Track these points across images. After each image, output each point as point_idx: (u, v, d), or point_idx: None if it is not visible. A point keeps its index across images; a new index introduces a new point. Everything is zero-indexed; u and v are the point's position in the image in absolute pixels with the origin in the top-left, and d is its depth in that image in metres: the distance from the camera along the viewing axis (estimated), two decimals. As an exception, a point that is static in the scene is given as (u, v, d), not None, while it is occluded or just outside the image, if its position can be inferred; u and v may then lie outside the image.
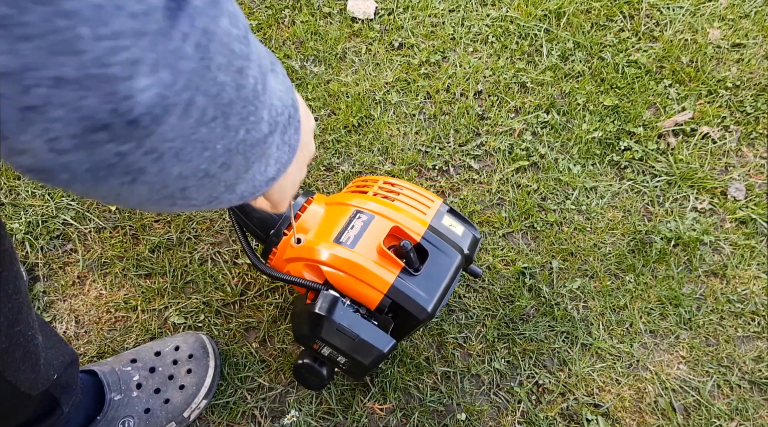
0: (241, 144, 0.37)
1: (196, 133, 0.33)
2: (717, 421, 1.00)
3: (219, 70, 0.32)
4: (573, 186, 1.21)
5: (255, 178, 0.43)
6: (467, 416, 0.99)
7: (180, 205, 0.39)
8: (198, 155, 0.35)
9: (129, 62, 0.27)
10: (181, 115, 0.31)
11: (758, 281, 1.12)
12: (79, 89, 0.26)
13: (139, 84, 0.28)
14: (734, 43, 1.40)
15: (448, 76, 1.35)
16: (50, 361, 0.74)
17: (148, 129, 0.30)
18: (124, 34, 0.27)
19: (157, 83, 0.29)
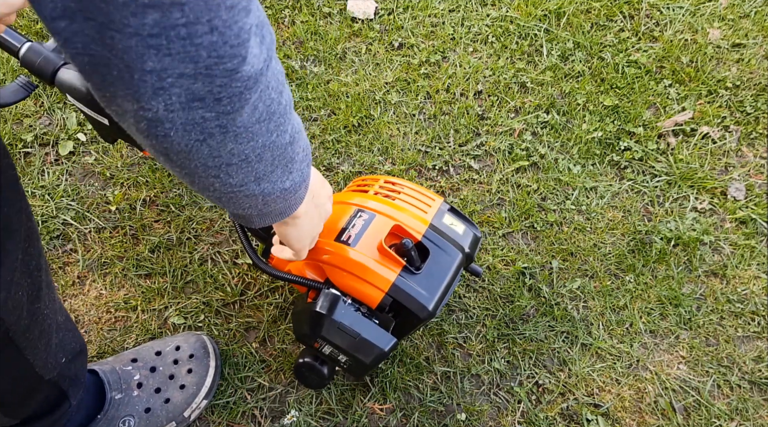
0: (272, 144, 0.51)
1: (252, 126, 0.48)
2: (717, 421, 1.00)
3: (272, 89, 0.48)
4: (573, 186, 1.21)
5: (275, 182, 0.56)
6: (467, 416, 0.99)
7: (219, 181, 0.52)
8: (247, 141, 0.49)
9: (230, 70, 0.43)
10: (251, 112, 0.47)
11: (758, 281, 1.12)
12: (192, 79, 0.41)
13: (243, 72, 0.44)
14: (734, 43, 1.40)
15: (448, 76, 1.35)
16: (62, 344, 0.74)
17: (226, 108, 0.45)
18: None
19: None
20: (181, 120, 0.44)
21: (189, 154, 0.48)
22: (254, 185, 0.55)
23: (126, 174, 1.19)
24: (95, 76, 0.42)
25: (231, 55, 0.42)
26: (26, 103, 1.26)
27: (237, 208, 0.58)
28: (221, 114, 0.45)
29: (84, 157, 1.21)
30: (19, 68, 1.30)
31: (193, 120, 0.45)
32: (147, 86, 0.41)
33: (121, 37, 0.38)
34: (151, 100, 0.42)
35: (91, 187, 1.18)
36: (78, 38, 0.39)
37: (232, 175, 0.52)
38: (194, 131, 0.46)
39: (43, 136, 1.23)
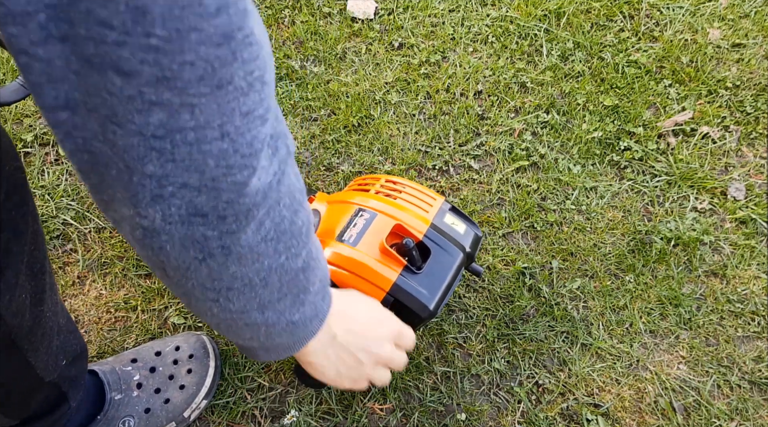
0: (280, 267, 0.47)
1: (258, 246, 0.44)
2: (717, 421, 1.00)
3: (284, 207, 0.44)
4: (573, 186, 1.21)
5: (282, 313, 0.51)
6: (467, 416, 0.99)
7: (218, 306, 0.47)
8: (252, 263, 0.44)
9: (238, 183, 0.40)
10: (256, 229, 0.42)
11: (758, 281, 1.12)
12: (195, 191, 0.38)
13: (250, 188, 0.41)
14: (734, 43, 1.40)
15: (448, 76, 1.35)
16: (63, 346, 0.74)
17: (230, 228, 0.41)
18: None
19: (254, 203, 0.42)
20: (179, 234, 0.40)
21: (186, 272, 0.44)
22: (257, 313, 0.49)
23: (126, 174, 1.19)
24: (93, 176, 0.39)
25: (241, 166, 0.38)
26: (26, 102, 1.26)
27: (237, 338, 0.53)
28: (225, 233, 0.41)
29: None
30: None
31: (192, 236, 0.41)
32: (145, 191, 0.38)
33: (123, 134, 0.35)
34: (148, 207, 0.38)
35: (90, 187, 1.18)
36: (79, 132, 0.36)
37: (233, 300, 0.47)
38: (193, 249, 0.42)
39: (43, 136, 1.22)
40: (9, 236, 0.56)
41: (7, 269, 0.57)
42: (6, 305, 0.58)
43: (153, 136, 0.35)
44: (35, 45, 0.32)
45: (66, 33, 0.32)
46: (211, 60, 0.33)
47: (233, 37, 0.34)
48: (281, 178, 0.42)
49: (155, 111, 0.34)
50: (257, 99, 0.37)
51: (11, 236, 0.57)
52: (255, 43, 0.36)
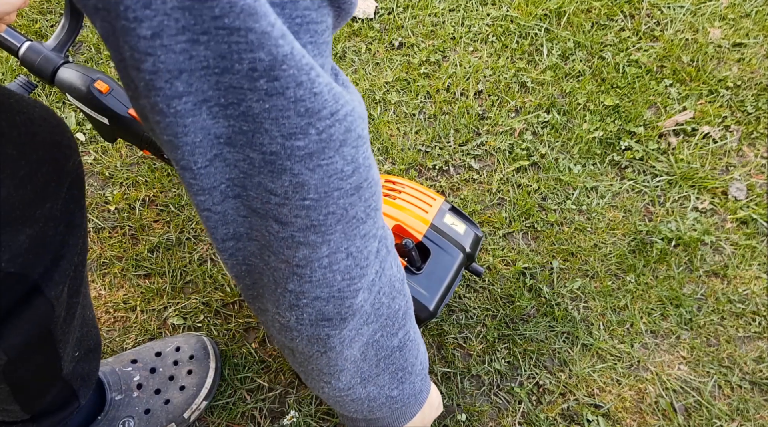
0: (375, 343, 0.55)
1: (360, 327, 0.53)
2: (718, 421, 0.99)
3: (383, 294, 0.52)
4: (573, 186, 1.21)
5: (382, 387, 0.60)
6: (467, 416, 0.99)
7: (329, 386, 0.57)
8: (354, 343, 0.53)
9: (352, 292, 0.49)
10: (360, 317, 0.51)
11: (759, 281, 1.12)
12: (324, 302, 0.47)
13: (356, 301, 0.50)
14: (735, 42, 1.40)
15: (448, 76, 1.35)
16: (80, 339, 0.74)
17: (341, 325, 0.50)
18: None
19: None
20: (307, 333, 0.50)
21: (309, 359, 0.53)
22: (360, 388, 0.58)
23: (125, 174, 1.19)
24: (248, 280, 0.49)
25: (360, 276, 0.47)
26: (25, 102, 1.26)
27: (344, 410, 0.62)
28: (343, 329, 0.50)
29: (83, 157, 1.21)
30: (18, 68, 1.30)
31: (317, 335, 0.50)
32: (285, 301, 0.47)
33: (275, 260, 0.45)
34: (286, 311, 0.48)
35: (90, 187, 1.18)
36: (241, 253, 0.47)
37: (342, 379, 0.56)
38: (317, 344, 0.51)
39: (42, 135, 1.22)
40: (67, 229, 0.61)
41: (63, 259, 0.60)
42: (57, 295, 0.61)
43: (297, 265, 0.44)
44: (216, 204, 0.42)
45: (239, 193, 0.42)
46: (345, 207, 0.43)
47: (361, 187, 0.43)
48: (381, 272, 0.51)
49: (301, 248, 0.43)
50: (372, 223, 0.46)
51: (69, 228, 0.61)
52: (375, 184, 0.46)
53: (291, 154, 0.38)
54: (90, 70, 0.92)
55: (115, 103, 0.91)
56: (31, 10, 1.39)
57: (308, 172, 0.39)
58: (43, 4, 1.40)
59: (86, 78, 0.90)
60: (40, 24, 1.37)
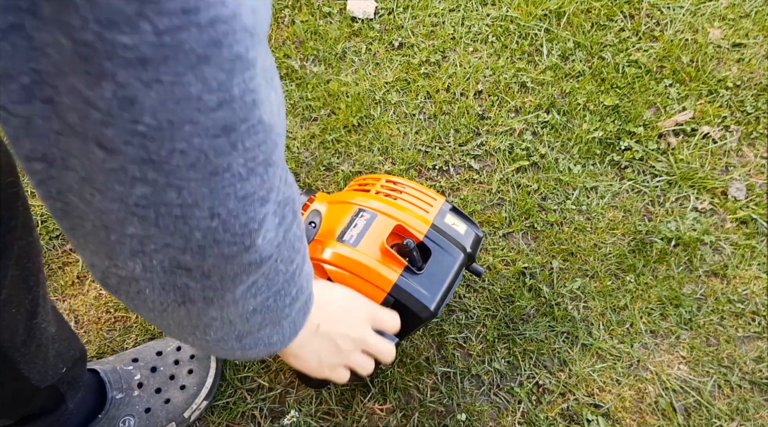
0: (266, 309, 0.46)
1: (246, 300, 0.43)
2: (717, 421, 1.00)
3: (281, 262, 0.43)
4: (573, 186, 1.21)
5: (260, 339, 0.50)
6: (467, 416, 0.99)
7: (194, 337, 0.47)
8: (233, 312, 0.43)
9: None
10: (245, 289, 0.41)
11: (759, 281, 1.12)
12: (180, 251, 0.36)
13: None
14: (735, 42, 1.40)
15: (448, 76, 1.35)
16: (61, 353, 0.74)
17: (215, 284, 0.39)
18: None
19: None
20: (160, 281, 0.38)
21: (163, 312, 0.42)
22: (235, 342, 0.48)
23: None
24: (66, 222, 0.36)
25: (230, 243, 0.36)
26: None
27: (211, 353, 0.56)
28: (208, 288, 0.39)
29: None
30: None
31: (174, 283, 0.38)
32: (124, 248, 0.35)
33: (102, 199, 0.33)
34: (126, 260, 0.36)
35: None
36: (54, 183, 0.33)
37: (210, 333, 0.46)
38: (173, 293, 0.39)
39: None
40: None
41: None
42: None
43: (136, 205, 0.33)
44: (15, 103, 0.30)
45: (51, 97, 0.30)
46: (204, 150, 0.32)
47: (234, 129, 0.32)
48: (282, 243, 0.41)
49: (139, 185, 0.32)
50: (258, 182, 0.35)
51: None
52: (262, 130, 0.34)
53: (112, 53, 0.27)
54: None
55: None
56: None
57: (141, 85, 0.28)
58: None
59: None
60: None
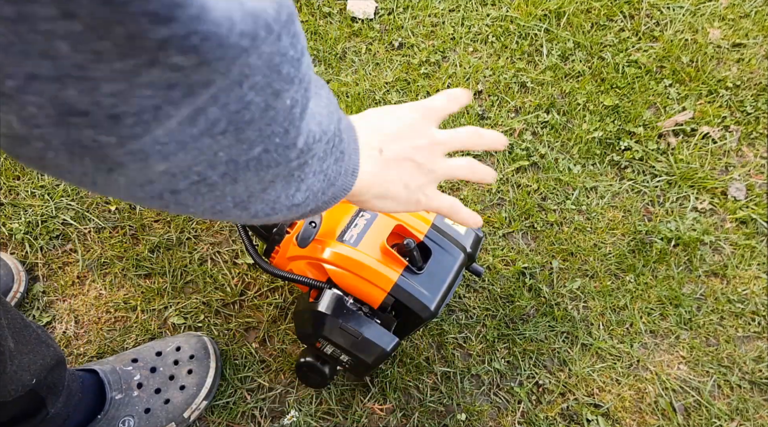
0: (253, 161, 0.35)
1: (196, 141, 0.31)
2: (717, 421, 1.00)
3: (251, 89, 0.31)
4: (573, 186, 1.21)
5: (277, 201, 0.40)
6: (467, 416, 0.99)
7: (175, 209, 0.36)
8: (192, 158, 0.32)
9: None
10: (184, 121, 0.29)
11: (758, 281, 1.12)
12: (56, 83, 0.24)
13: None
14: (734, 42, 1.40)
15: (448, 76, 1.35)
16: (25, 366, 0.72)
17: (133, 131, 0.27)
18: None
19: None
20: (57, 140, 0.27)
21: (95, 185, 0.32)
22: (238, 211, 0.39)
23: (125, 173, 1.19)
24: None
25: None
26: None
27: (224, 220, 0.41)
28: (127, 138, 0.28)
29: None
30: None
31: (79, 142, 0.28)
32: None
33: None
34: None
35: (90, 187, 1.18)
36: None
37: (189, 204, 0.36)
38: (90, 157, 0.29)
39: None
40: None
41: None
42: None
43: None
44: None
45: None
46: None
47: None
48: (256, 60, 0.30)
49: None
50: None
51: None
52: None
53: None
54: None
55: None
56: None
57: None
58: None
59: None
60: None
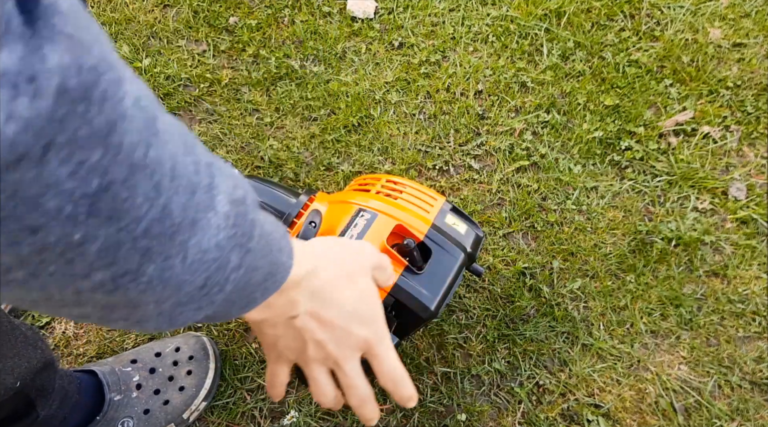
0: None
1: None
2: (718, 421, 0.99)
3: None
4: (573, 186, 1.21)
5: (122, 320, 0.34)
6: (467, 416, 0.99)
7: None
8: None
9: None
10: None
11: (759, 281, 1.12)
12: None
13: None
14: (735, 42, 1.40)
15: (448, 76, 1.35)
16: (8, 370, 0.71)
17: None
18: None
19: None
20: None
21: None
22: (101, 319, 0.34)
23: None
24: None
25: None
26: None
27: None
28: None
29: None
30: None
31: None
32: None
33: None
34: None
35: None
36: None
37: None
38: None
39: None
40: None
41: None
42: None
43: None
44: None
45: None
46: None
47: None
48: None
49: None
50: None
51: None
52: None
53: None
54: None
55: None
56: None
57: None
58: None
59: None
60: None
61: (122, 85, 0.25)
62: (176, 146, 0.30)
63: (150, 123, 0.27)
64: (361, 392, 0.52)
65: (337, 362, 0.50)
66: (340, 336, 0.49)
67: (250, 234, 0.36)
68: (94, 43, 0.23)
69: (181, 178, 0.30)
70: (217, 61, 1.36)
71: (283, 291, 0.43)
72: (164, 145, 0.28)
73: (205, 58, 1.36)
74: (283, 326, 0.48)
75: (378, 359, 0.51)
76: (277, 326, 0.48)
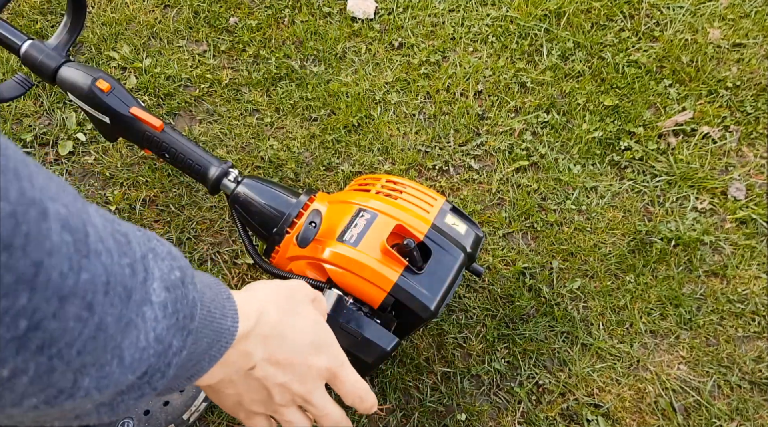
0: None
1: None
2: (717, 421, 1.00)
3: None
4: (573, 186, 1.21)
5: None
6: (467, 416, 0.99)
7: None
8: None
9: None
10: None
11: (758, 281, 1.12)
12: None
13: None
14: (734, 42, 1.40)
15: (448, 76, 1.35)
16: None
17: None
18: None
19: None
20: None
21: None
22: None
23: (126, 174, 1.19)
24: None
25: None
26: (26, 102, 1.26)
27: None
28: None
29: (84, 157, 1.21)
30: (19, 67, 1.29)
31: None
32: None
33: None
34: None
35: (90, 187, 1.18)
36: None
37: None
38: None
39: (43, 136, 1.22)
40: None
41: None
42: None
43: None
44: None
45: None
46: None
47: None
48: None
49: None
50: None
51: None
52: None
53: None
54: (92, 68, 0.92)
55: (116, 102, 0.91)
56: (32, 11, 1.39)
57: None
58: (44, 5, 1.40)
59: (88, 77, 0.90)
60: (41, 24, 1.37)
61: (47, 218, 0.24)
62: (110, 253, 0.28)
63: (80, 244, 0.26)
64: (335, 416, 0.52)
65: (305, 397, 0.50)
66: (301, 372, 0.48)
67: (191, 315, 0.35)
68: (9, 184, 0.22)
69: (116, 287, 0.28)
70: (217, 61, 1.36)
71: (235, 346, 0.42)
72: (97, 258, 0.27)
73: (206, 58, 1.36)
74: (242, 381, 0.47)
75: (340, 381, 0.51)
76: (236, 383, 0.47)
